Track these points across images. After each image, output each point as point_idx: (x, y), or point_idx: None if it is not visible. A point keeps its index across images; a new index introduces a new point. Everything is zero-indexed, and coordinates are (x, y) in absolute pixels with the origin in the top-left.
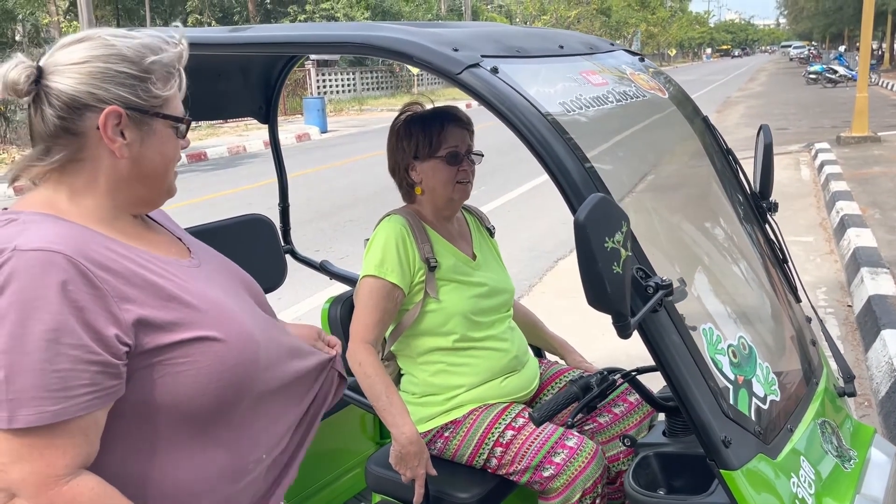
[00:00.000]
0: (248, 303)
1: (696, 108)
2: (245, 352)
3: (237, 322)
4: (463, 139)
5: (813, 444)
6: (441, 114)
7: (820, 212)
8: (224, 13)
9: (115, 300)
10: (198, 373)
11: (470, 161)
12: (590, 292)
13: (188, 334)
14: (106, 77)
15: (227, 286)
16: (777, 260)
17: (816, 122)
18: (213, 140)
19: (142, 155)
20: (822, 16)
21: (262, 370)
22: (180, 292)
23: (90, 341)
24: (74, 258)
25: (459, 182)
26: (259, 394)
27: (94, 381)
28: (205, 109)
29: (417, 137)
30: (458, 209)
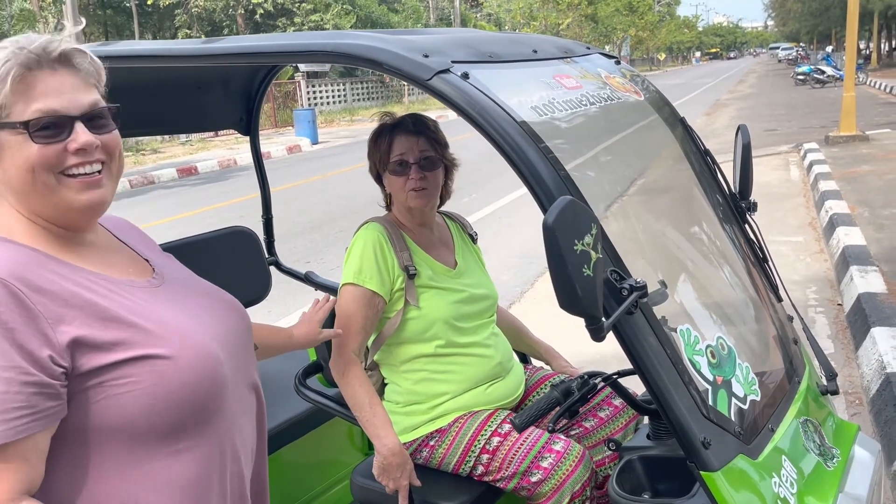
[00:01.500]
0: (217, 321)
1: (673, 110)
2: (201, 368)
3: (190, 338)
4: (411, 147)
5: (795, 443)
6: (393, 124)
7: (809, 211)
8: (213, 27)
9: (48, 321)
10: (142, 393)
11: (420, 168)
12: (561, 296)
13: (128, 353)
14: None
15: (190, 305)
16: (757, 260)
17: (805, 122)
18: (204, 154)
19: (5, 171)
20: (809, 17)
21: (228, 386)
22: (124, 312)
23: (24, 362)
24: (7, 280)
25: (413, 190)
26: (225, 409)
27: (31, 403)
28: (186, 122)
29: (375, 150)
30: (426, 217)
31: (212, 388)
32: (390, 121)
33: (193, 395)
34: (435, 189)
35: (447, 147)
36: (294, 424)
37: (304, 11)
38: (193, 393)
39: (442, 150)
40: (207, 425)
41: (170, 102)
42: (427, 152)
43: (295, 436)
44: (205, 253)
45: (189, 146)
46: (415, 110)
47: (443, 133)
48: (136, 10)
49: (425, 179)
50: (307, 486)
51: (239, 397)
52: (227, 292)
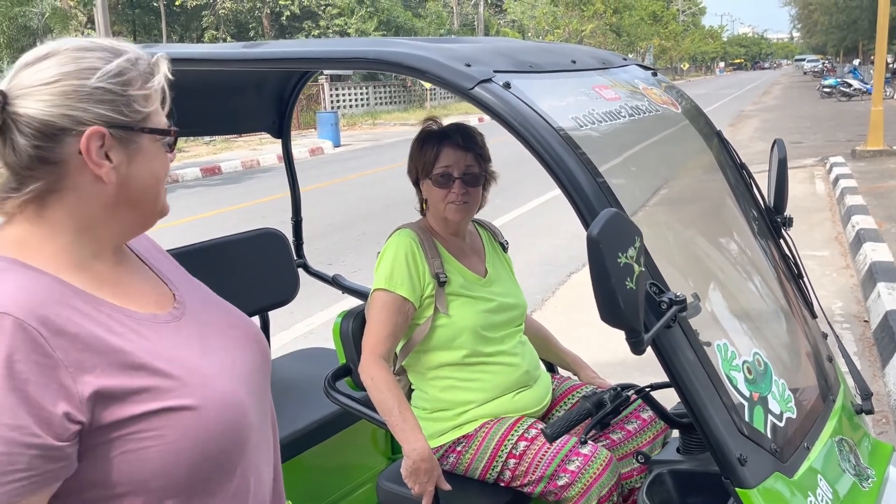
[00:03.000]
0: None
1: (709, 122)
2: (226, 419)
3: (216, 386)
4: (458, 161)
5: (830, 462)
6: (441, 133)
7: (835, 226)
8: (239, 28)
9: (69, 371)
10: (164, 448)
11: (464, 182)
12: (603, 308)
13: (152, 405)
14: (82, 95)
15: (213, 343)
16: (792, 275)
17: (831, 135)
18: (227, 154)
19: (130, 176)
20: (836, 29)
21: (252, 434)
22: (149, 358)
23: (31, 422)
24: (27, 323)
25: (451, 203)
26: (248, 459)
27: (32, 466)
28: (219, 124)
29: (419, 156)
30: (460, 228)
31: (237, 439)
32: (438, 129)
33: (216, 449)
34: (474, 204)
35: (490, 161)
36: (320, 427)
37: (329, 15)
38: (217, 446)
39: (485, 165)
40: (230, 477)
41: (206, 105)
42: (472, 168)
43: (320, 438)
44: (234, 254)
45: (213, 146)
46: (436, 115)
47: (487, 148)
48: (164, 10)
49: (467, 194)
50: (331, 488)
51: (261, 441)
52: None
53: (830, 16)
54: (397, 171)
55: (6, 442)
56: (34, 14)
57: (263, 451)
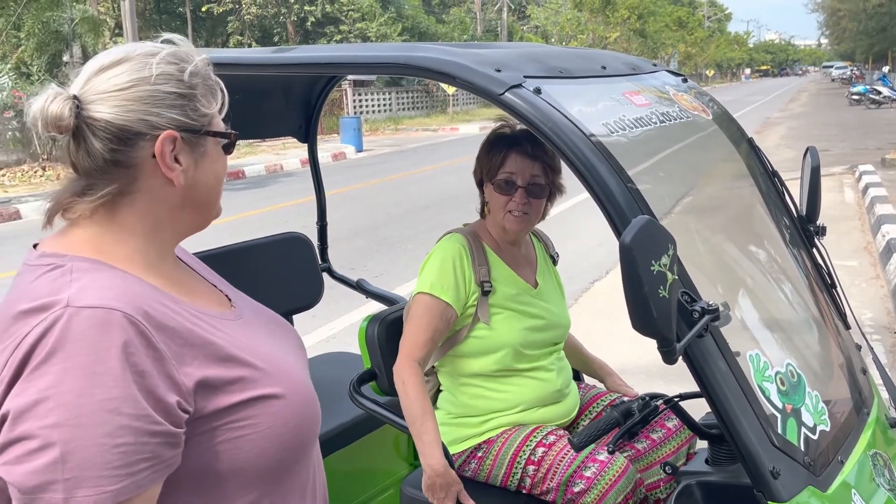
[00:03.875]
0: (296, 354)
1: (740, 128)
2: (306, 406)
3: (292, 373)
4: (524, 170)
5: (864, 476)
6: (512, 139)
7: (865, 235)
8: (264, 34)
9: (173, 363)
10: (258, 436)
11: (527, 193)
12: (635, 316)
13: (246, 394)
14: (156, 100)
15: (270, 336)
16: (825, 285)
17: (860, 143)
18: (251, 158)
19: (196, 179)
20: (865, 36)
21: (320, 422)
22: (234, 349)
23: (153, 410)
24: (134, 317)
25: (510, 212)
26: (315, 446)
27: (156, 454)
28: (247, 128)
29: (486, 158)
30: (518, 238)
31: (314, 425)
32: (510, 133)
33: (299, 435)
34: (536, 216)
35: (559, 173)
36: (344, 431)
37: (352, 20)
38: (300, 432)
39: (553, 176)
40: (307, 463)
41: (234, 109)
42: (538, 178)
43: (345, 443)
44: (260, 258)
45: (237, 151)
46: (459, 120)
47: (558, 159)
48: (190, 15)
49: (529, 205)
50: (355, 493)
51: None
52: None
53: (859, 22)
54: (419, 176)
55: (134, 432)
56: (64, 20)
57: (318, 447)
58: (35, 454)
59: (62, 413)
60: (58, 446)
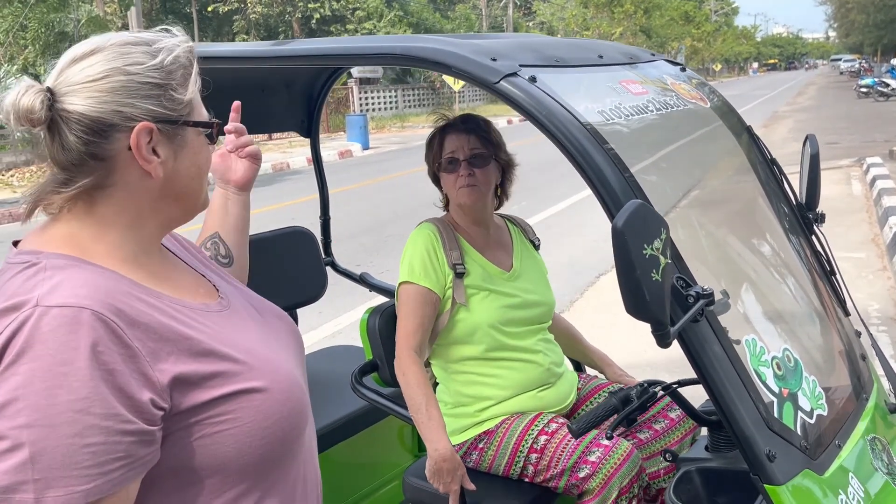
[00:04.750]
0: (286, 345)
1: (739, 118)
2: (291, 399)
3: (277, 368)
4: (461, 145)
5: (862, 460)
6: (444, 126)
7: (872, 227)
8: (269, 33)
9: (147, 360)
10: (239, 430)
11: (470, 164)
12: (628, 300)
13: (226, 389)
14: (130, 91)
15: (258, 326)
16: (824, 272)
17: (868, 136)
18: None
19: (176, 171)
20: (873, 28)
21: (309, 414)
22: (214, 343)
23: (124, 409)
24: (104, 315)
25: (462, 187)
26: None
27: (129, 453)
28: (249, 124)
29: (429, 151)
30: (478, 215)
31: (300, 420)
32: (443, 121)
33: (284, 429)
34: (485, 186)
35: (501, 146)
36: (347, 423)
37: (358, 18)
38: (285, 426)
39: (494, 148)
40: (293, 458)
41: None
42: (477, 150)
43: (347, 434)
44: (264, 252)
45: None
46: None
47: (497, 133)
48: (196, 15)
49: (474, 176)
50: (358, 484)
51: (311, 429)
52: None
53: (868, 14)
54: (424, 173)
55: (104, 431)
56: (70, 20)
57: (313, 440)
58: (5, 455)
59: (31, 413)
60: (27, 447)
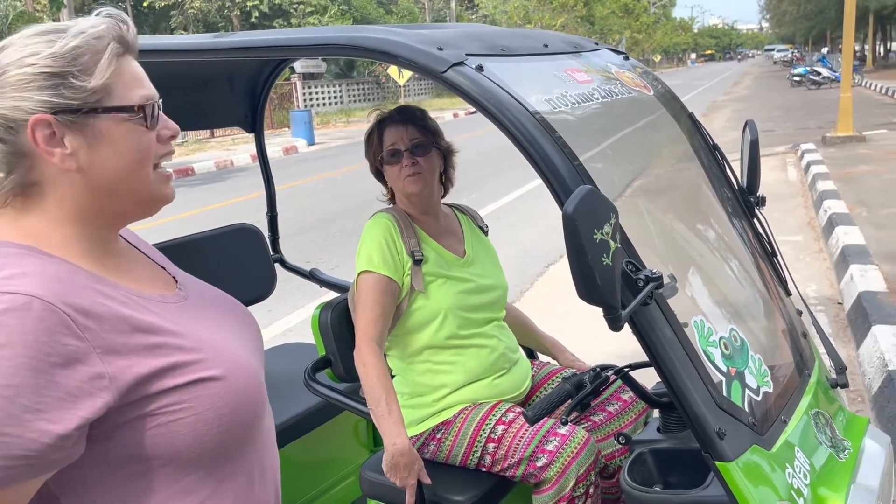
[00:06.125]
0: (244, 336)
1: (682, 105)
2: (247, 388)
3: (234, 357)
4: (401, 136)
5: (807, 435)
6: (381, 119)
7: (808, 211)
8: (208, 28)
9: (98, 352)
10: (195, 419)
11: (412, 153)
12: (580, 284)
13: (182, 378)
14: (24, 84)
15: (219, 320)
16: (766, 254)
17: (802, 123)
18: (201, 155)
19: (95, 162)
20: (804, 19)
21: (266, 403)
22: (171, 334)
23: (52, 407)
24: (54, 304)
25: (407, 177)
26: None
27: (40, 454)
28: (189, 119)
29: (370, 147)
30: (426, 204)
31: (257, 408)
32: (380, 115)
33: (241, 417)
34: (430, 174)
35: (439, 134)
36: (301, 421)
37: (301, 13)
38: (242, 414)
39: (433, 136)
40: (251, 446)
41: (175, 99)
42: (417, 139)
43: (301, 432)
44: (210, 250)
45: (185, 147)
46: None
47: (433, 121)
48: (131, 11)
49: (418, 165)
50: (314, 481)
51: (269, 421)
52: (237, 301)
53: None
54: None
55: (23, 423)
56: None
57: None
58: None
59: None
60: None
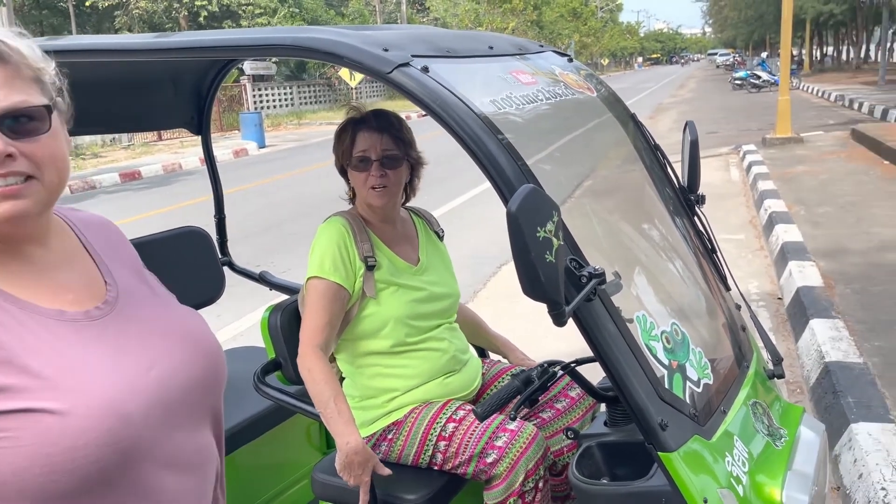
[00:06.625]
0: (161, 370)
1: (624, 106)
2: (97, 430)
3: (94, 391)
4: (374, 144)
5: (745, 424)
6: (357, 120)
7: (749, 210)
8: (154, 29)
9: None
10: (17, 453)
11: (382, 165)
12: (524, 281)
13: (10, 404)
14: None
15: (128, 347)
16: (706, 251)
17: (743, 125)
18: (148, 158)
19: None
20: (745, 24)
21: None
22: (22, 353)
23: None
24: None
25: (372, 188)
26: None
27: None
28: (134, 120)
29: (339, 145)
30: (388, 213)
31: (113, 457)
32: (356, 115)
33: (75, 461)
34: (396, 187)
35: (412, 145)
36: (251, 424)
37: (251, 14)
38: (85, 460)
39: (406, 148)
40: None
41: (117, 101)
42: (390, 150)
43: (252, 436)
44: (156, 253)
45: (132, 150)
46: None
47: (409, 130)
48: (73, 11)
49: (386, 177)
50: (266, 486)
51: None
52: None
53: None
54: (325, 170)
55: None
56: None
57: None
58: None
59: None
60: None
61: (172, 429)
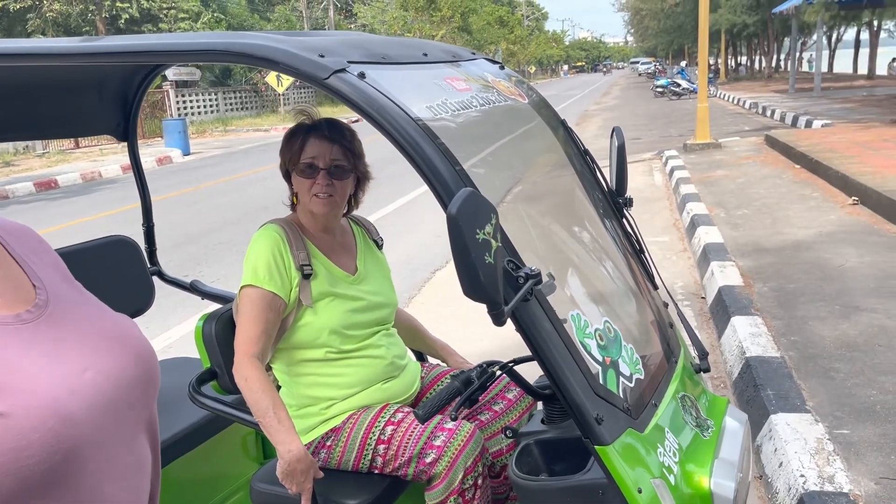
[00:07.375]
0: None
1: (554, 112)
2: (41, 430)
3: (36, 392)
4: (323, 153)
5: (675, 416)
6: (309, 126)
7: (673, 213)
8: (69, 33)
9: None
10: None
11: (329, 175)
12: (465, 282)
13: None
14: None
15: (61, 348)
16: (635, 251)
17: (665, 131)
18: (64, 166)
19: None
20: (664, 34)
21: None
22: None
23: None
24: None
25: (316, 195)
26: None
27: None
28: (57, 126)
29: (287, 149)
30: (328, 223)
31: (56, 458)
32: (308, 121)
33: (28, 465)
34: (341, 198)
35: (362, 158)
36: (186, 436)
37: (172, 18)
38: (28, 461)
39: (355, 160)
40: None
41: (38, 106)
42: (339, 161)
43: (188, 447)
44: (83, 264)
45: (47, 158)
46: (291, 120)
47: (360, 143)
48: None
49: (332, 187)
50: (202, 498)
51: (111, 459)
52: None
53: (659, 21)
54: (252, 177)
55: None
56: None
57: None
58: None
59: None
60: None
61: (109, 432)
